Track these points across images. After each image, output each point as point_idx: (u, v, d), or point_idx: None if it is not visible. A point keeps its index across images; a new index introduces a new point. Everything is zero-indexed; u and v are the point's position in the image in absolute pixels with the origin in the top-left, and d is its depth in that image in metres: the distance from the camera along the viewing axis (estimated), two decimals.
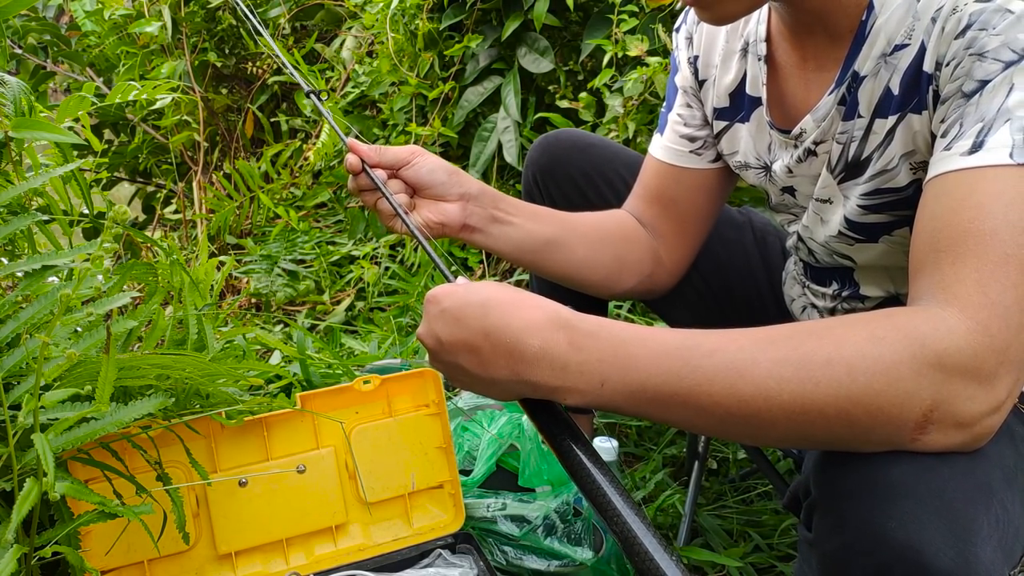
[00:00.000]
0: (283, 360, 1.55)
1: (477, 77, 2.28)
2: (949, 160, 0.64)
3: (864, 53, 0.75)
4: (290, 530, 1.06)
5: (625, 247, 1.02)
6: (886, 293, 0.89)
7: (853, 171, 0.80)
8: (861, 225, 0.82)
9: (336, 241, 2.46)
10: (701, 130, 0.99)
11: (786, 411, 0.56)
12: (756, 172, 0.94)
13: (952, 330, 0.56)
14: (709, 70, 0.96)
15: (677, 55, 1.00)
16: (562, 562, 1.11)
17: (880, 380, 0.55)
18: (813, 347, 0.57)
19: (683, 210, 1.02)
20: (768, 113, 0.89)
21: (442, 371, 0.68)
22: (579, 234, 1.00)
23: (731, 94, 0.93)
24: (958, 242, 0.60)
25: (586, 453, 0.60)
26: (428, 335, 0.67)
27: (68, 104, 1.16)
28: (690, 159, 1.00)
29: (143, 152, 2.72)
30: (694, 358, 0.58)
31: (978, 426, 0.56)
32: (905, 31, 0.72)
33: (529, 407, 0.66)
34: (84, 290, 0.74)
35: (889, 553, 0.53)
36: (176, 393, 0.92)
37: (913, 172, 0.75)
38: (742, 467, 1.50)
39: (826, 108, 0.80)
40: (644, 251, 1.03)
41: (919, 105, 0.72)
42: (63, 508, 0.82)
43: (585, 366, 0.60)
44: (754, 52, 0.89)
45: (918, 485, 0.55)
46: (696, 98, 0.99)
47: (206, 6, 2.65)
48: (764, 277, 1.13)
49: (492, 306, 0.63)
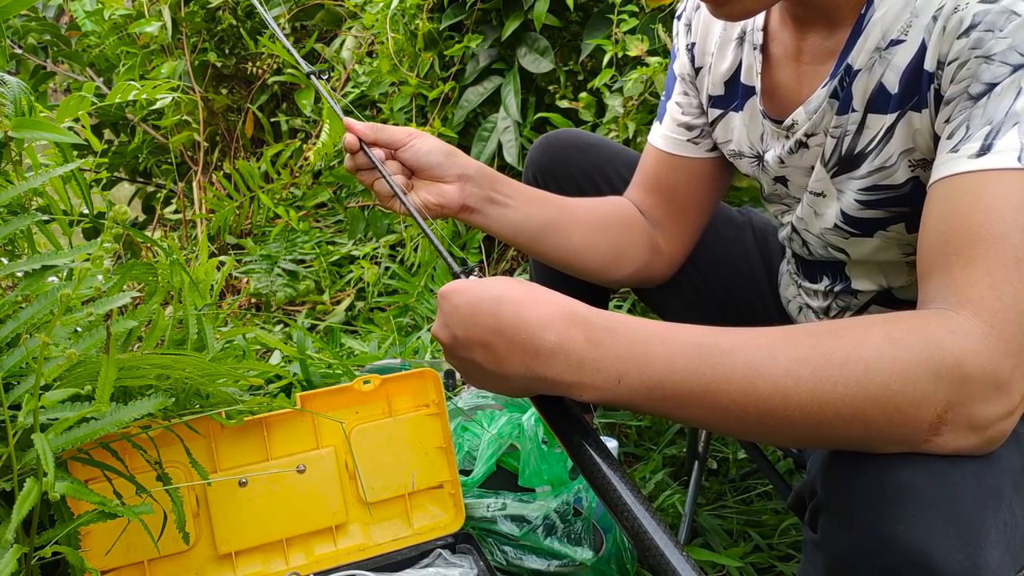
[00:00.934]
0: (283, 360, 1.55)
1: (477, 77, 2.28)
2: (956, 163, 0.64)
3: (859, 46, 0.75)
4: (290, 530, 1.06)
5: (623, 234, 1.02)
6: (878, 287, 0.89)
7: (847, 165, 0.80)
8: (857, 220, 0.82)
9: (336, 241, 2.46)
10: (698, 118, 0.99)
11: (803, 410, 0.56)
12: (750, 161, 0.95)
13: (968, 333, 0.56)
14: (705, 57, 0.96)
15: (676, 42, 1.01)
16: (562, 562, 1.11)
17: (897, 381, 0.55)
18: (831, 347, 0.57)
19: (682, 199, 1.02)
20: (761, 102, 0.89)
21: (457, 368, 0.68)
22: (576, 219, 1.00)
23: (726, 82, 0.94)
24: (968, 246, 0.60)
25: (597, 450, 0.60)
26: (442, 331, 0.66)
27: (68, 104, 1.16)
28: (688, 148, 1.01)
29: (143, 152, 2.72)
30: (712, 356, 0.58)
31: (991, 429, 0.56)
32: (902, 26, 0.72)
33: (541, 404, 0.65)
34: (84, 290, 0.74)
35: (898, 556, 0.53)
36: (176, 393, 0.92)
37: (911, 169, 0.75)
38: (742, 467, 1.50)
39: (818, 101, 0.80)
40: (642, 239, 1.03)
41: (919, 103, 0.71)
42: (63, 508, 0.82)
43: (602, 362, 0.60)
44: (750, 41, 0.89)
45: (927, 488, 0.55)
46: (693, 85, 0.99)
47: (206, 6, 2.64)
48: (764, 277, 1.13)
49: (506, 301, 0.62)
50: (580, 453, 0.61)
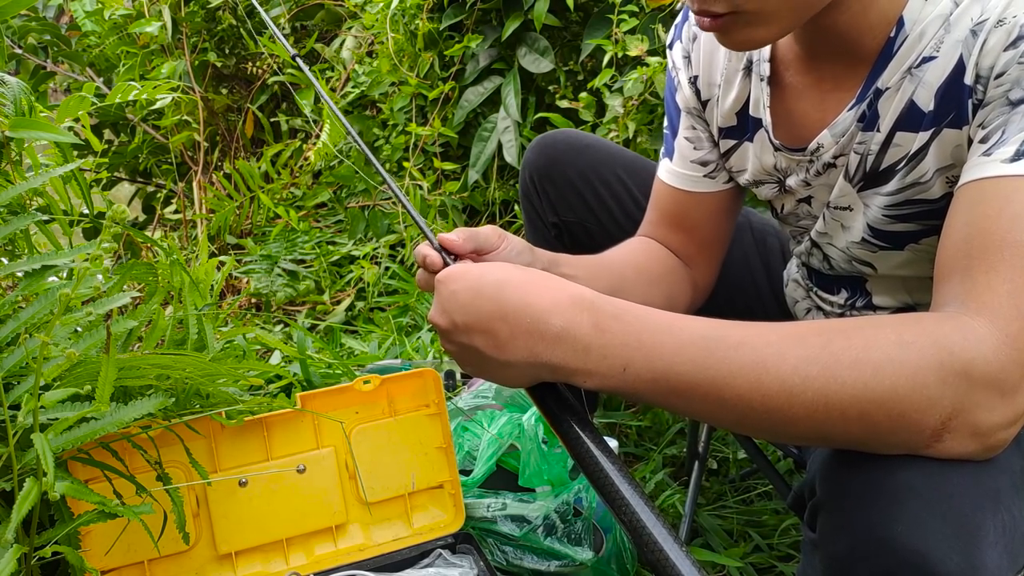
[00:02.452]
0: (283, 360, 1.56)
1: (477, 77, 2.28)
2: (988, 166, 0.63)
3: (891, 68, 0.73)
4: (290, 530, 1.06)
5: (672, 283, 1.01)
6: (900, 304, 0.88)
7: (872, 181, 0.79)
8: (887, 233, 0.81)
9: (336, 241, 2.46)
10: (711, 152, 0.97)
11: (808, 409, 0.56)
12: (770, 187, 0.93)
13: (981, 340, 0.55)
14: (711, 89, 0.94)
15: (675, 75, 0.98)
16: (562, 562, 1.11)
17: (905, 385, 0.54)
18: (841, 346, 0.56)
19: (706, 233, 1.01)
20: (774, 135, 0.87)
21: (454, 353, 0.66)
22: (632, 281, 0.97)
23: (737, 113, 0.92)
24: (992, 251, 0.59)
25: (594, 440, 0.60)
26: (440, 316, 0.65)
27: (68, 104, 1.16)
28: (705, 184, 0.98)
29: (143, 152, 2.72)
30: (720, 349, 0.58)
31: (994, 437, 0.56)
32: (934, 43, 0.70)
33: (537, 394, 0.64)
34: (84, 290, 0.74)
35: (895, 557, 0.53)
36: (176, 393, 0.92)
37: (949, 185, 0.73)
38: (742, 467, 1.50)
39: (844, 124, 0.78)
40: (686, 281, 1.02)
41: (958, 119, 0.69)
42: (63, 508, 0.82)
43: (608, 349, 0.59)
44: (757, 72, 0.87)
45: (925, 489, 0.55)
46: (700, 118, 0.97)
47: (206, 6, 2.65)
48: (764, 277, 1.13)
49: (509, 286, 0.62)
50: (577, 443, 0.60)
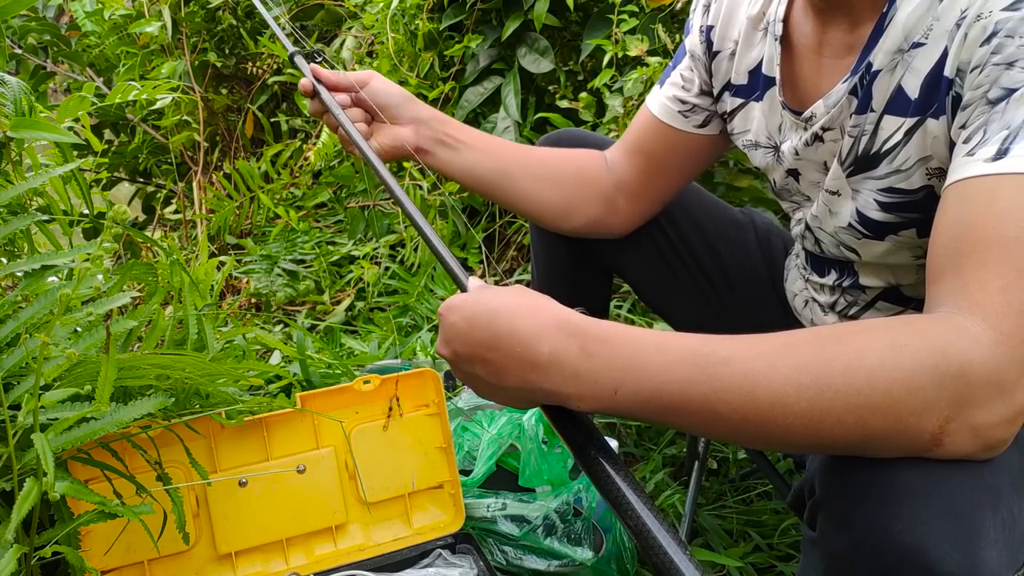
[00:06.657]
0: (283, 360, 1.55)
1: (477, 77, 2.28)
2: (972, 166, 0.63)
3: (880, 45, 0.75)
4: (290, 530, 1.06)
5: (574, 189, 1.06)
6: (886, 284, 0.89)
7: (863, 165, 0.80)
8: (871, 221, 0.82)
9: (336, 241, 2.46)
10: (697, 98, 1.00)
11: (803, 419, 0.55)
12: (765, 151, 0.94)
13: (976, 340, 0.55)
14: (725, 43, 0.96)
15: (692, 18, 1.01)
16: (562, 562, 1.11)
17: (900, 389, 0.54)
18: (833, 354, 0.56)
19: (655, 165, 1.04)
20: (781, 93, 0.89)
21: (464, 381, 0.67)
22: (528, 170, 1.05)
23: (750, 72, 0.94)
24: (980, 248, 0.59)
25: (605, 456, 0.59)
26: (444, 347, 0.66)
27: (68, 104, 1.16)
28: (677, 119, 1.02)
29: (143, 152, 2.72)
30: (710, 365, 0.57)
31: (995, 436, 0.56)
32: (924, 30, 0.71)
33: (550, 413, 0.65)
34: (84, 290, 0.74)
35: (895, 555, 0.53)
36: (176, 393, 0.92)
37: (927, 178, 0.75)
38: (742, 467, 1.50)
39: (838, 95, 0.80)
40: (595, 196, 1.06)
41: (937, 111, 0.71)
42: (63, 508, 0.82)
43: (598, 373, 0.59)
44: (772, 32, 0.89)
45: (925, 487, 0.55)
46: (701, 65, 0.99)
47: (206, 6, 2.64)
48: (767, 277, 1.13)
49: (500, 314, 0.62)
50: (589, 460, 0.59)
